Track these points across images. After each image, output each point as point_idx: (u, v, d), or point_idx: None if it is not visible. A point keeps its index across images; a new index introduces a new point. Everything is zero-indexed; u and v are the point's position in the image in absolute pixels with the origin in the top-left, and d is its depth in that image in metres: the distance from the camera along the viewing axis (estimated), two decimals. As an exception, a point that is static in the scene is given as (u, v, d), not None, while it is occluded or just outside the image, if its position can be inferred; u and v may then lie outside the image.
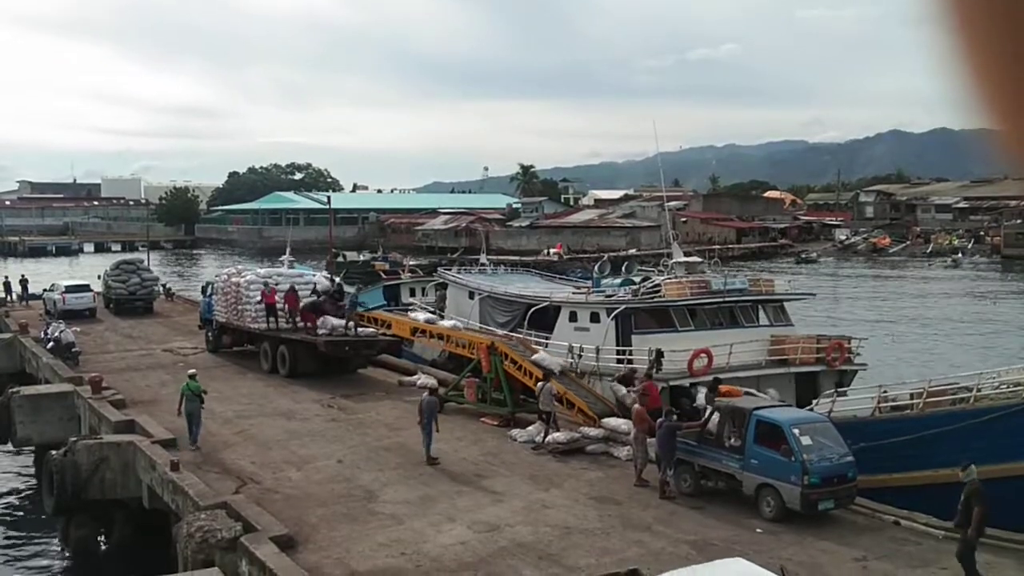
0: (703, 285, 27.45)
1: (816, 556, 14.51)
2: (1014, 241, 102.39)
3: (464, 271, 39.38)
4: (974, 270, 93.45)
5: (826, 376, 25.95)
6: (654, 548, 14.79)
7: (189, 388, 21.57)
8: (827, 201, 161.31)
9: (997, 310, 62.49)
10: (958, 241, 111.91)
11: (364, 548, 14.91)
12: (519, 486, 18.34)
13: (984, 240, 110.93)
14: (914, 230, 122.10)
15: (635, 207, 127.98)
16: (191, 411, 21.35)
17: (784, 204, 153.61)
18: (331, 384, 28.41)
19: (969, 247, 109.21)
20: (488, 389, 24.34)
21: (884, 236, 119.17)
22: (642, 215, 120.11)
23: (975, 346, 47.36)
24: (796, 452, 15.82)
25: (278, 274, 33.10)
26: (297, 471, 19.40)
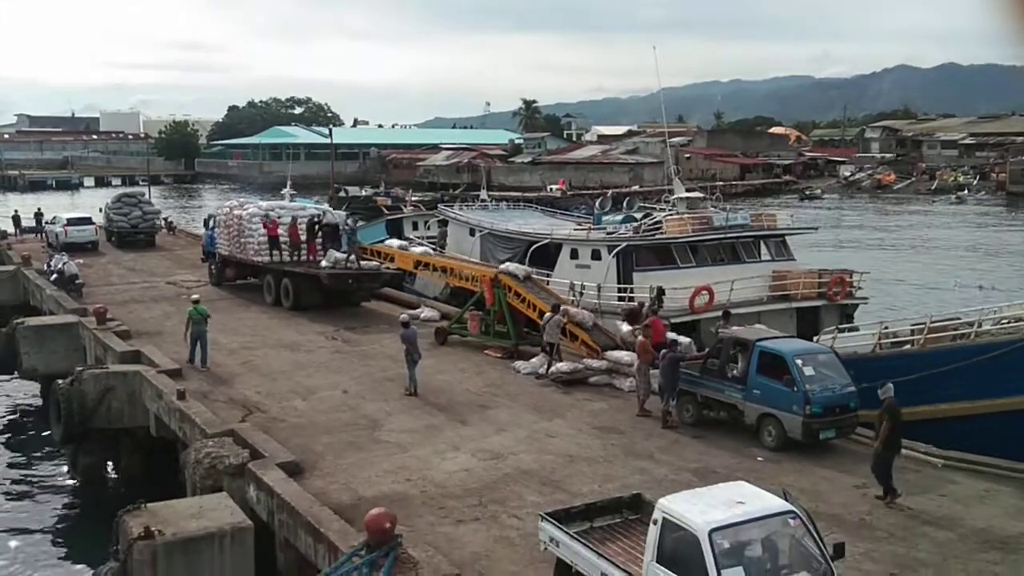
0: (704, 221, 27.41)
1: (816, 483, 14.73)
2: (1020, 178, 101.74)
3: (465, 207, 39.23)
4: (979, 207, 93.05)
5: (827, 311, 26.06)
6: (656, 475, 15.00)
7: (198, 312, 22.33)
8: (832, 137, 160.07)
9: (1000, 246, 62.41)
10: (963, 178, 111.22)
11: (370, 475, 15.14)
12: (523, 416, 18.54)
13: (989, 177, 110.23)
14: (919, 166, 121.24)
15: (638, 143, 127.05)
16: (198, 334, 22.20)
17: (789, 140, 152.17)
18: (335, 317, 28.51)
19: (974, 184, 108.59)
20: (492, 322, 24.44)
21: (889, 172, 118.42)
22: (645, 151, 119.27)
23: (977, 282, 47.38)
24: (798, 382, 15.93)
25: (280, 207, 32.96)
26: (303, 401, 19.59)
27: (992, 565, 11.88)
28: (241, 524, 13.07)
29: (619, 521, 11.38)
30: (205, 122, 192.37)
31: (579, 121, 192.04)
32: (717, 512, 9.18)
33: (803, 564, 9.18)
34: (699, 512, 9.20)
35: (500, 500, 14.02)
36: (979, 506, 13.90)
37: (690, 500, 9.61)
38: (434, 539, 12.49)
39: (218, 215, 34.84)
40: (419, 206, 52.32)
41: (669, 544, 9.32)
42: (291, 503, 13.30)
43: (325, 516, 12.85)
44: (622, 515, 11.47)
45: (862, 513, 13.56)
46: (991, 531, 12.95)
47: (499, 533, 12.84)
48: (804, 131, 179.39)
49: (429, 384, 20.82)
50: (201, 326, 22.28)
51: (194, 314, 22.38)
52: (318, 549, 12.46)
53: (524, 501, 13.93)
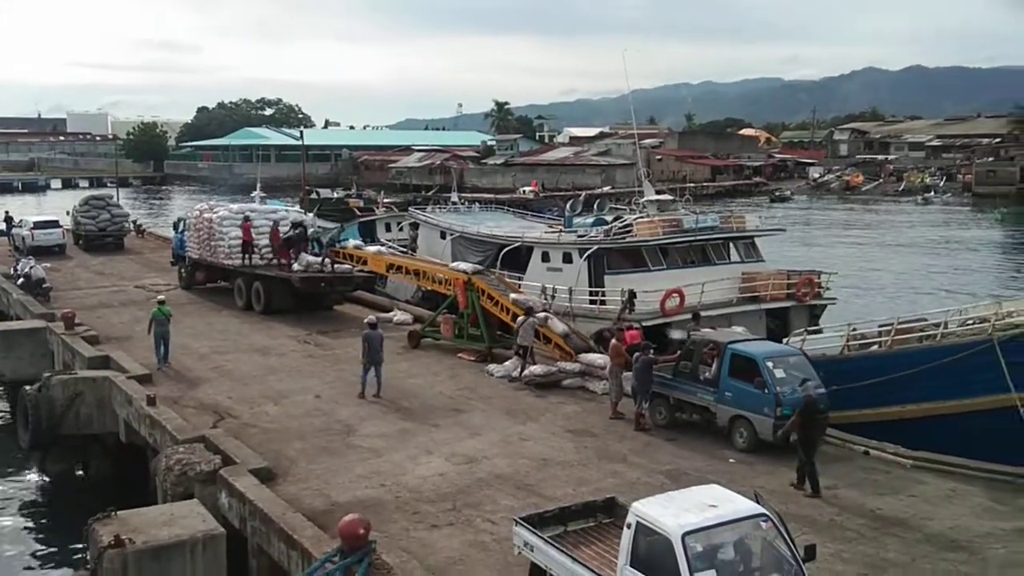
0: (674, 223, 27.56)
1: (787, 485, 14.84)
2: (985, 179, 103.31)
3: (437, 210, 39.17)
4: (945, 208, 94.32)
5: (796, 311, 26.30)
6: (630, 478, 15.08)
7: (162, 312, 22.67)
8: (802, 139, 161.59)
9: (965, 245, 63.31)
10: (930, 179, 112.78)
11: (343, 480, 15.09)
12: (496, 419, 18.56)
13: (956, 178, 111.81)
14: (887, 168, 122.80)
15: (610, 145, 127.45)
16: (161, 334, 22.57)
17: (759, 142, 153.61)
18: (307, 320, 28.38)
19: (941, 185, 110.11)
20: (465, 325, 24.42)
21: (857, 174, 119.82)
22: (617, 153, 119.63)
23: (943, 283, 48.03)
24: (770, 385, 16.07)
25: (251, 210, 32.71)
26: (275, 406, 19.48)
27: (960, 565, 12.06)
28: (213, 531, 12.97)
29: (593, 525, 11.41)
30: (174, 124, 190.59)
31: (551, 123, 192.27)
32: (690, 516, 9.24)
33: (775, 566, 9.26)
34: (672, 516, 9.25)
35: (474, 504, 14.03)
36: (947, 506, 14.11)
37: (663, 504, 9.66)
38: (408, 544, 12.48)
39: (188, 218, 34.53)
40: (392, 208, 52.13)
41: (643, 548, 9.37)
42: (264, 509, 13.22)
43: (298, 522, 12.78)
44: (596, 519, 11.50)
45: (832, 514, 13.71)
46: (959, 531, 13.14)
47: (473, 538, 12.84)
48: (774, 133, 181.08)
49: (402, 388, 20.81)
50: (164, 326, 22.64)
51: (158, 314, 22.70)
52: (291, 556, 12.39)
53: (498, 505, 13.95)
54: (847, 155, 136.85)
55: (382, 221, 44.35)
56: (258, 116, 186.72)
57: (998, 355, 17.14)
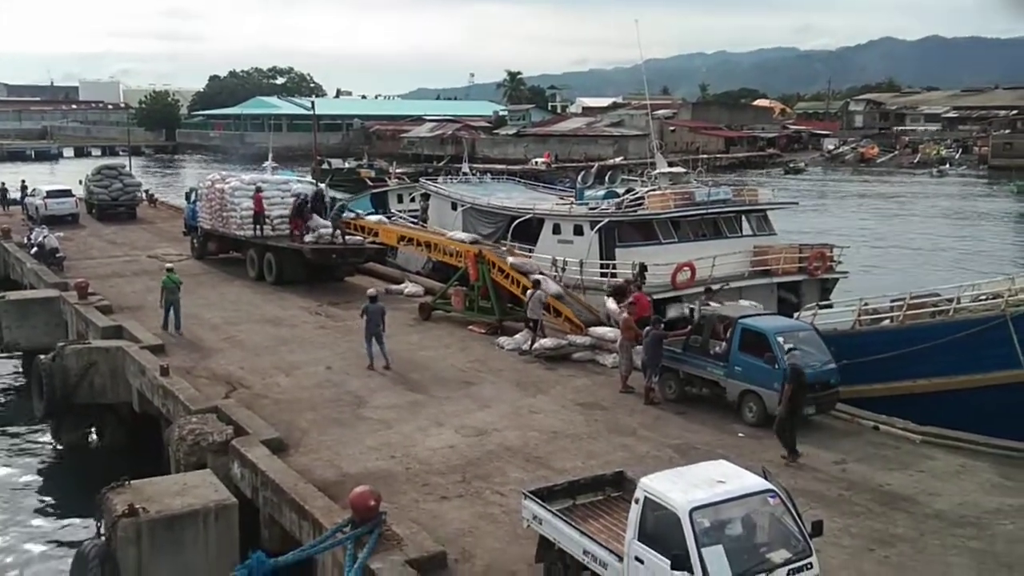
0: (686, 196, 27.44)
1: (785, 461, 14.85)
2: (1001, 151, 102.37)
3: (448, 180, 39.10)
4: (960, 180, 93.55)
5: (808, 285, 26.24)
6: (639, 452, 15.14)
7: (171, 280, 23.19)
8: (816, 110, 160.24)
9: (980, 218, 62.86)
10: (945, 151, 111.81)
11: (354, 451, 15.19)
12: (506, 392, 18.62)
13: (972, 150, 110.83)
14: (902, 140, 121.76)
15: (623, 115, 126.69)
16: (172, 301, 23.09)
17: (774, 113, 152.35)
18: (318, 291, 28.45)
19: (956, 157, 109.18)
20: (475, 297, 24.45)
21: (872, 146, 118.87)
22: (630, 124, 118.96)
23: (956, 256, 47.76)
24: (780, 359, 16.05)
25: (263, 180, 32.72)
26: (286, 377, 19.58)
27: (968, 540, 12.09)
28: (225, 501, 13.09)
29: (601, 499, 11.48)
30: (186, 92, 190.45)
31: (564, 93, 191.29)
32: (698, 491, 9.28)
33: (782, 542, 9.30)
34: (680, 491, 9.29)
35: (484, 477, 14.12)
36: (956, 481, 14.12)
37: (671, 479, 9.70)
38: (418, 516, 12.58)
39: (200, 188, 34.57)
40: (403, 178, 52.10)
41: (651, 522, 9.42)
42: (275, 480, 13.34)
43: (309, 493, 12.89)
44: (604, 492, 11.56)
45: (841, 489, 13.74)
46: (967, 507, 13.16)
47: (483, 510, 12.93)
48: (788, 104, 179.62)
49: (413, 360, 20.88)
50: (175, 294, 23.15)
51: (167, 282, 23.18)
52: (303, 526, 12.52)
53: (508, 477, 14.03)
54: (862, 127, 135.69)
55: (394, 192, 44.37)
56: (269, 85, 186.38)
57: (1011, 330, 17.10)
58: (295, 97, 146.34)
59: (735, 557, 8.95)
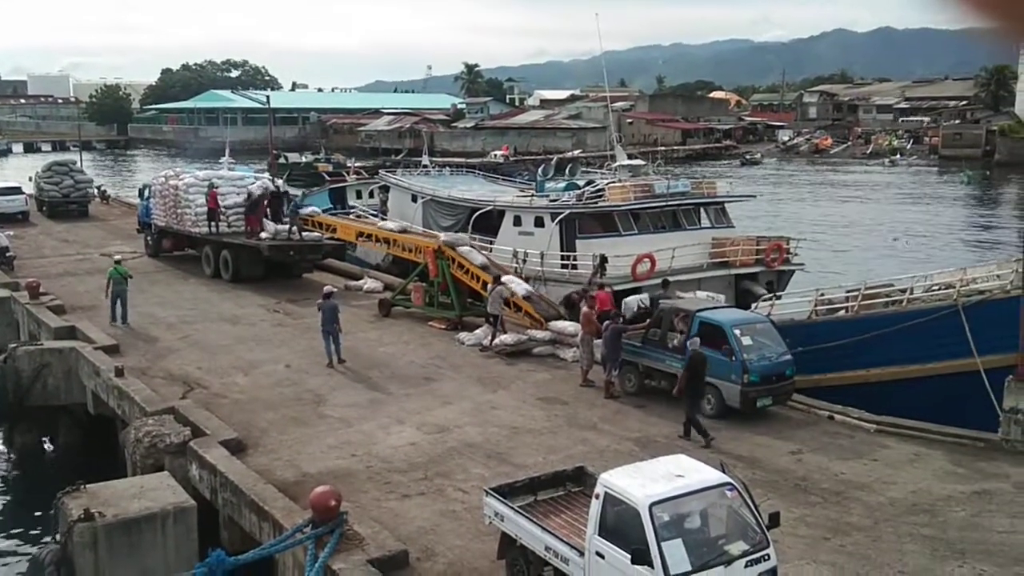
0: (646, 189, 27.63)
1: (753, 450, 15.11)
2: (951, 142, 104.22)
3: (407, 173, 38.97)
4: (912, 171, 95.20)
5: (765, 277, 26.57)
6: (599, 446, 15.25)
7: (118, 272, 23.14)
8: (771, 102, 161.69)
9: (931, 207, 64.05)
10: (897, 142, 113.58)
11: (314, 450, 15.11)
12: (467, 388, 18.65)
13: (923, 140, 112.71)
14: (855, 131, 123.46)
15: (581, 108, 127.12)
16: (118, 293, 23.07)
17: (730, 105, 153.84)
18: (276, 289, 28.26)
19: (908, 147, 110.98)
20: (435, 293, 24.43)
21: (826, 137, 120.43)
22: (588, 116, 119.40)
23: (910, 247, 48.63)
24: (737, 352, 16.25)
25: (218, 177, 32.35)
26: (244, 376, 19.44)
27: (921, 528, 12.34)
28: (184, 504, 12.98)
29: (562, 494, 11.54)
30: (138, 86, 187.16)
31: (521, 85, 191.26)
32: (657, 486, 9.37)
33: (739, 534, 9.44)
34: (639, 486, 9.38)
35: (445, 474, 14.13)
36: (909, 470, 14.40)
37: (631, 474, 9.78)
38: (379, 515, 12.56)
39: (154, 184, 34.09)
40: (362, 173, 51.90)
41: (611, 517, 9.51)
42: (234, 481, 13.23)
43: (269, 494, 12.81)
44: (565, 488, 11.62)
45: (797, 479, 13.95)
46: (920, 494, 13.43)
47: (445, 507, 12.95)
48: (744, 96, 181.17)
49: (372, 357, 20.82)
50: (121, 285, 23.10)
51: (114, 274, 23.14)
52: (263, 527, 12.44)
53: (469, 474, 14.05)
54: (816, 118, 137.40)
55: (353, 188, 44.10)
56: (223, 78, 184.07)
57: (963, 320, 17.46)
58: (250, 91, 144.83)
59: (694, 550, 9.07)
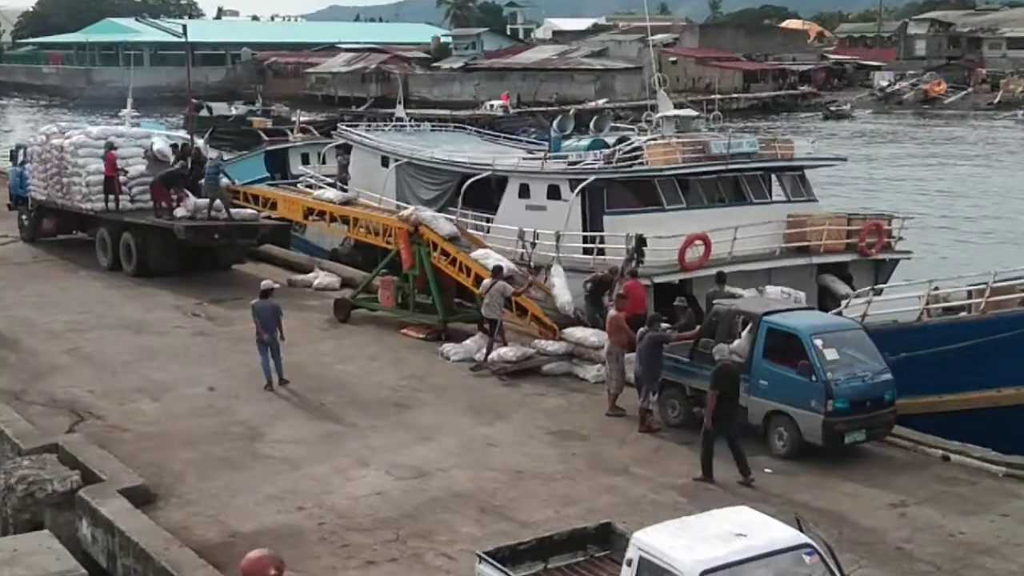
0: (699, 149, 27.56)
1: (840, 502, 15.10)
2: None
3: (375, 129, 38.96)
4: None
5: (859, 268, 26.54)
6: (632, 495, 15.24)
7: None
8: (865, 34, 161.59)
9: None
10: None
11: (248, 502, 15.14)
12: (454, 418, 18.66)
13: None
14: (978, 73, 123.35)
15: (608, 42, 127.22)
16: None
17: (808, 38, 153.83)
18: (196, 285, 28.33)
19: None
20: (411, 291, 24.44)
21: (938, 81, 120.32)
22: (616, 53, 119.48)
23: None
24: (818, 369, 16.23)
25: (118, 134, 32.36)
26: (153, 402, 19.48)
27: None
28: (70, 573, 12.99)
29: (582, 560, 11.56)
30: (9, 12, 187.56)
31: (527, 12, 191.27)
32: (710, 549, 9.39)
33: (822, 614, 9.45)
34: (686, 549, 9.40)
35: (424, 533, 14.15)
36: (1052, 528, 14.39)
37: (675, 533, 9.80)
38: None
39: (30, 145, 34.10)
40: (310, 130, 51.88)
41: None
42: (139, 543, 13.24)
43: (187, 560, 12.84)
44: (586, 552, 11.65)
45: (900, 540, 13.96)
46: (1066, 561, 13.42)
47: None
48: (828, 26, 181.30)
49: (326, 377, 20.87)
50: None
51: None
52: (178, 605, 12.47)
53: (457, 534, 14.08)
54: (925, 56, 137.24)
55: (297, 150, 44.06)
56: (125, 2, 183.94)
57: None
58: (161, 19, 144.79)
59: (761, 635, 9.09)
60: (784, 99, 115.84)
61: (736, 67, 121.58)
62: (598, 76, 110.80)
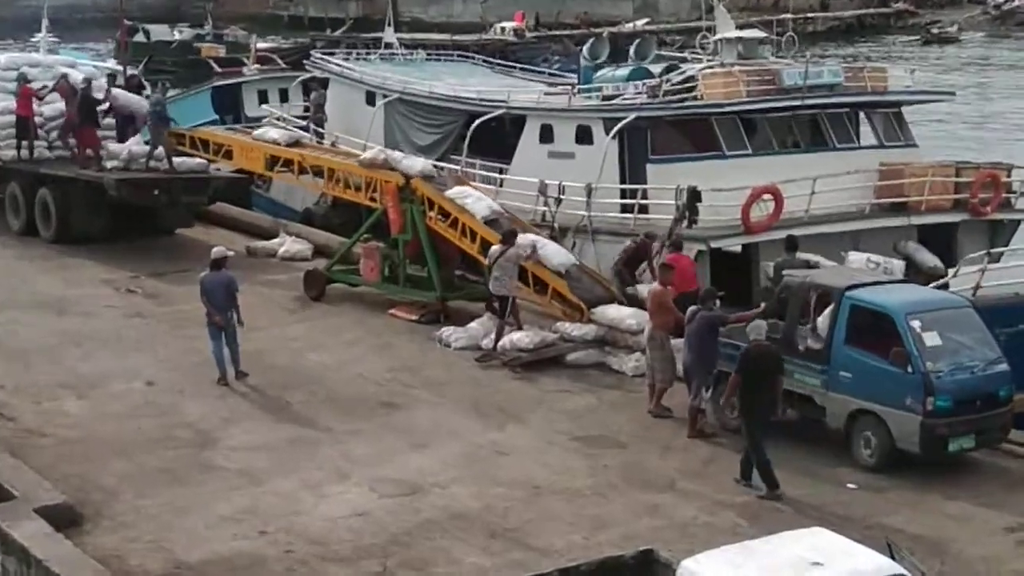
0: (768, 79, 27.46)
1: (942, 525, 15.08)
2: None
3: (359, 59, 38.91)
4: None
5: (970, 229, 26.42)
6: (679, 517, 15.25)
7: None
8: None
9: None
10: None
11: (197, 524, 15.17)
12: (455, 421, 18.73)
13: None
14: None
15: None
16: None
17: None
18: (131, 255, 28.49)
19: None
20: (401, 260, 24.49)
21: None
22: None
23: None
24: (915, 359, 16.22)
25: (32, 64, 32.41)
26: (78, 399, 19.57)
27: None
28: (-25, 613, 13.10)
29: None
30: None
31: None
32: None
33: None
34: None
35: (418, 564, 14.20)
36: None
37: (734, 561, 9.85)
38: (307, 632, 12.70)
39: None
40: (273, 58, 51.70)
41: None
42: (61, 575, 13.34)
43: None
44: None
45: (1018, 574, 13.96)
46: None
47: (417, 620, 13.09)
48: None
49: (296, 368, 20.97)
50: None
51: None
52: (110, 653, 12.57)
53: (459, 565, 14.14)
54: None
55: (252, 86, 43.93)
56: None
57: None
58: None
59: None
60: (873, 19, 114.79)
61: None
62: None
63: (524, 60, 49.42)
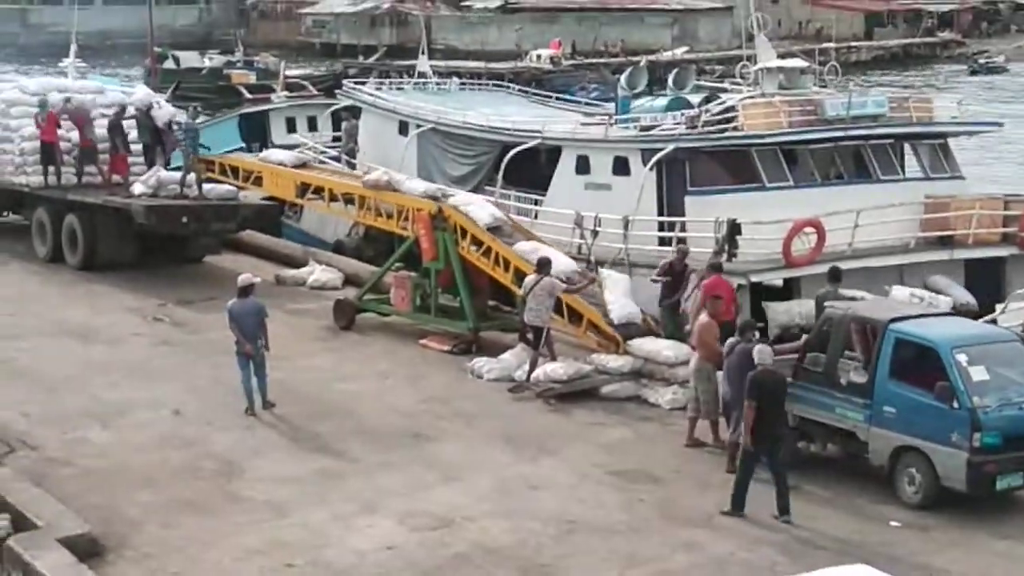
0: (810, 109, 27.46)
1: (991, 566, 14.97)
2: None
3: (391, 87, 39.08)
4: None
5: (1019, 264, 26.30)
6: (717, 554, 15.19)
7: None
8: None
9: None
10: None
11: (222, 556, 15.17)
12: (487, 453, 18.72)
13: None
14: None
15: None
16: None
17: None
18: (158, 283, 28.60)
19: None
20: (432, 290, 24.53)
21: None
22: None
23: None
24: (962, 393, 16.13)
25: (60, 91, 32.66)
26: (103, 429, 19.61)
27: None
28: (-2, 644, 13.13)
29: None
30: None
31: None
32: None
33: None
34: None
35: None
36: None
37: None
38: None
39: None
40: (304, 84, 52.05)
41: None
42: (84, 607, 13.36)
43: (144, 629, 12.93)
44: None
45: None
46: None
47: (447, 657, 13.06)
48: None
49: (324, 399, 20.99)
50: None
51: None
52: None
53: (490, 601, 14.11)
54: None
55: (280, 113, 44.14)
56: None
57: None
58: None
59: None
60: (919, 48, 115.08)
61: (856, 7, 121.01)
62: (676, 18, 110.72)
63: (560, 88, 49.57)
